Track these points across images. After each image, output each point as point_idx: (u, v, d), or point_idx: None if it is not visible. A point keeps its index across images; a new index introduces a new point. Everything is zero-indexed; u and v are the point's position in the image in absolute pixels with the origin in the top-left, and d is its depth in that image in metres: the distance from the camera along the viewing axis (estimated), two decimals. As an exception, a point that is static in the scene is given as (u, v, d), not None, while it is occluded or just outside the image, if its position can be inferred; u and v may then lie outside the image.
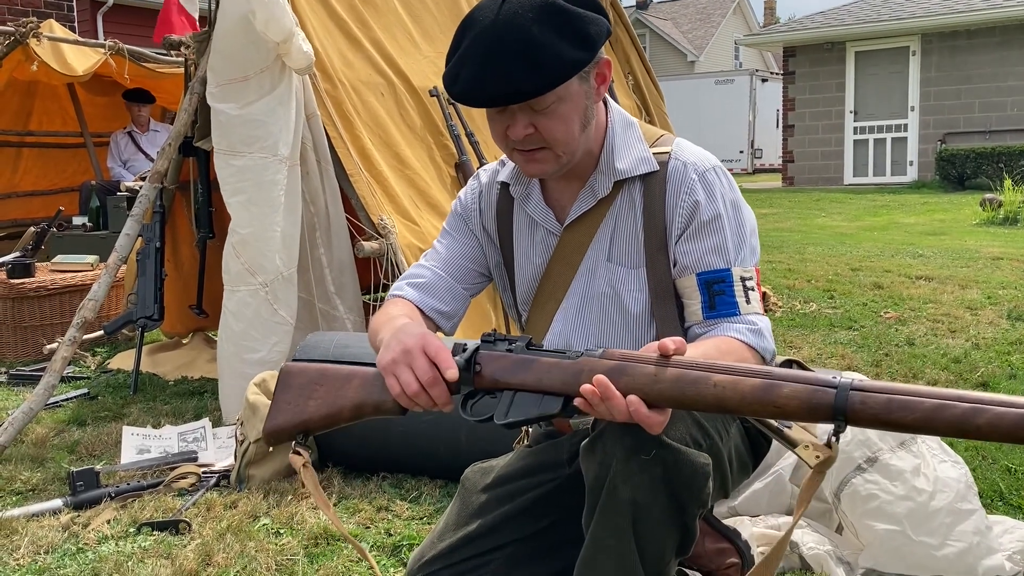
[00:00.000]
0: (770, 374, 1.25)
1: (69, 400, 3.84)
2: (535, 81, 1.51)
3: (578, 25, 1.52)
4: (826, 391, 1.22)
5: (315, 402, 1.52)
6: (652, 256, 1.68)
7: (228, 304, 3.43)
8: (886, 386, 1.20)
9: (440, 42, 4.29)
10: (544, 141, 1.59)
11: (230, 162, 3.39)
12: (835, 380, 1.22)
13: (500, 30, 1.51)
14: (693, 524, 1.50)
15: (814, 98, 17.34)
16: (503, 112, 1.59)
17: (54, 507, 2.62)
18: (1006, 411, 1.12)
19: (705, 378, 1.26)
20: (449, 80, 1.59)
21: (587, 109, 1.62)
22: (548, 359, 1.38)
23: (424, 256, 1.87)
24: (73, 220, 6.83)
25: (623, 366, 1.31)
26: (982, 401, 1.14)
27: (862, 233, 9.34)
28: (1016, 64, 15.35)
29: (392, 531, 2.45)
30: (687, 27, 35.14)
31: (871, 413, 1.20)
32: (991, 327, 4.68)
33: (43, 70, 6.56)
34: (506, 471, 1.84)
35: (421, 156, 3.94)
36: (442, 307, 1.78)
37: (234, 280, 3.41)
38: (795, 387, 1.23)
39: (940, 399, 1.16)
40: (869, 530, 2.07)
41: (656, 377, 1.28)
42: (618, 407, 1.28)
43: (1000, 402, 1.13)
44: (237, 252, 3.39)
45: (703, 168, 1.67)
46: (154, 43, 6.93)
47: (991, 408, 1.13)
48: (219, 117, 3.40)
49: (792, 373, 1.25)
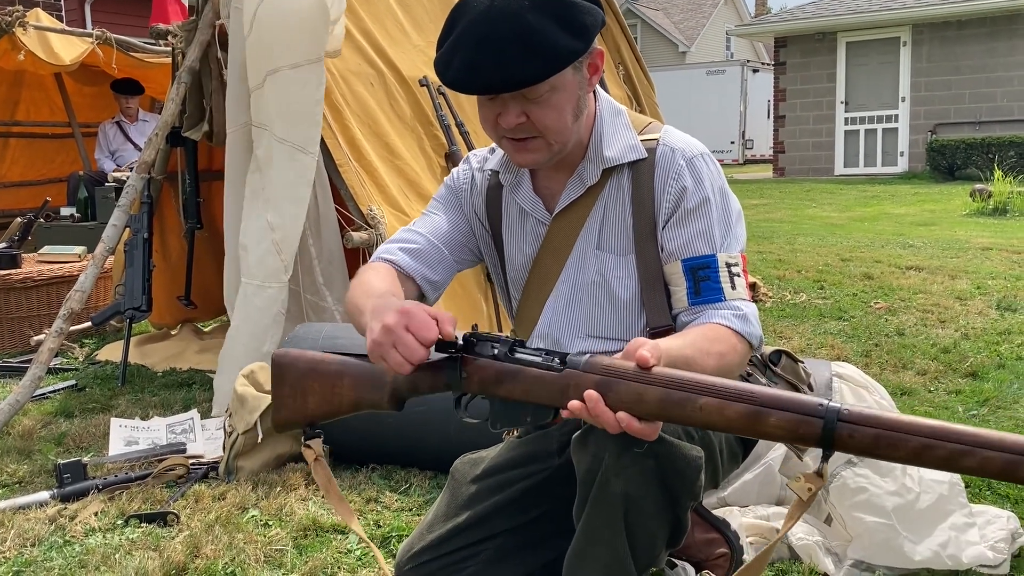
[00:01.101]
0: (755, 397, 1.23)
1: (56, 392, 3.82)
2: (531, 70, 1.49)
3: (574, 14, 1.51)
4: (813, 422, 1.20)
5: (314, 398, 1.52)
6: (641, 242, 1.67)
7: (256, 300, 3.32)
8: (875, 418, 1.18)
9: (430, 32, 4.26)
10: (536, 130, 1.58)
11: (296, 157, 3.27)
12: (822, 409, 1.20)
13: (495, 17, 1.49)
14: (685, 516, 1.50)
15: (805, 88, 17.33)
16: (494, 100, 1.58)
17: (41, 499, 2.61)
18: (994, 455, 1.11)
19: (691, 400, 1.25)
20: (441, 66, 1.57)
21: (580, 99, 1.61)
22: (533, 371, 1.36)
23: (415, 223, 1.83)
24: (61, 211, 6.78)
25: (609, 383, 1.29)
26: (972, 443, 1.13)
27: (852, 223, 9.36)
28: (1005, 55, 15.38)
29: (381, 522, 2.45)
30: (678, 17, 35.08)
31: (858, 446, 1.19)
32: (980, 317, 4.70)
33: (30, 59, 6.51)
34: (496, 462, 1.84)
35: (411, 146, 3.92)
36: (432, 276, 1.75)
37: (268, 276, 3.31)
38: (782, 416, 1.21)
39: (929, 436, 1.15)
40: (858, 522, 2.07)
41: (642, 397, 1.27)
42: (608, 423, 1.28)
43: (989, 443, 1.12)
44: (279, 248, 3.28)
45: (691, 154, 1.67)
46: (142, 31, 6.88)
47: (979, 452, 1.12)
48: (293, 106, 3.24)
49: (779, 397, 1.23)
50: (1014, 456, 1.10)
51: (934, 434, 1.14)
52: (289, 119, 3.28)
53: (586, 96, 1.64)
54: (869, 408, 1.20)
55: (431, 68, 4.12)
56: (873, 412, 1.19)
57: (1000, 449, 1.11)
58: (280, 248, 3.31)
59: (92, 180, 6.96)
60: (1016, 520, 2.21)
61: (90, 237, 5.71)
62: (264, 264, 3.33)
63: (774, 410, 1.22)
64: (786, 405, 1.22)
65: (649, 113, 5.25)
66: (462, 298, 3.65)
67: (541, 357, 1.37)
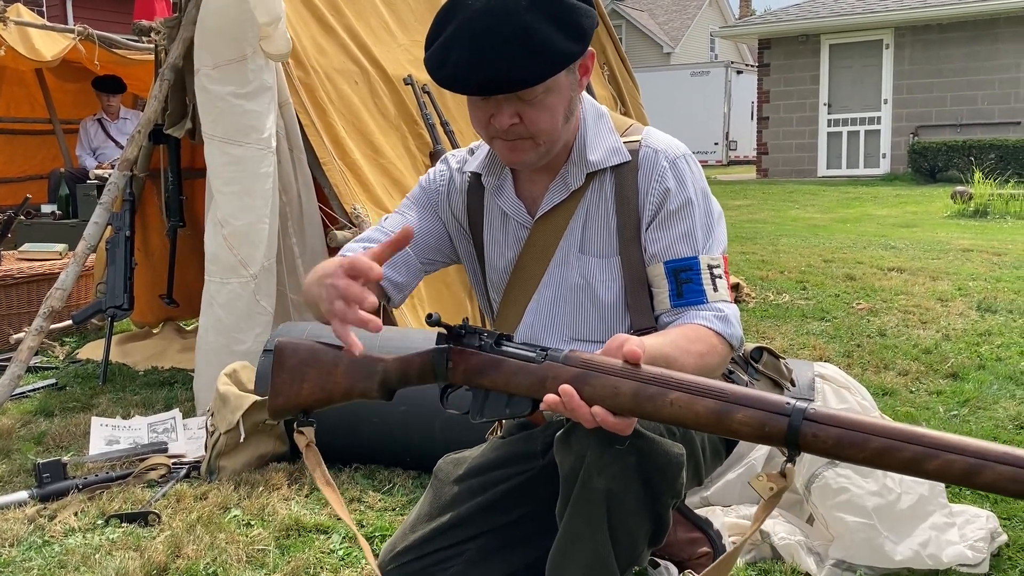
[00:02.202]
0: (725, 394, 1.24)
1: (36, 390, 3.79)
2: (530, 70, 1.48)
3: (572, 16, 1.50)
4: (778, 420, 1.21)
5: (308, 385, 1.53)
6: (625, 245, 1.67)
7: (217, 296, 3.34)
8: (840, 419, 1.18)
9: (415, 30, 4.25)
10: (528, 132, 1.57)
11: (227, 150, 3.30)
12: (789, 407, 1.21)
13: (493, 15, 1.47)
14: (666, 514, 1.50)
15: (788, 90, 17.42)
16: (488, 100, 1.56)
17: (20, 499, 2.58)
18: (955, 459, 1.11)
19: (662, 395, 1.26)
20: (435, 64, 1.54)
21: (572, 101, 1.61)
22: (514, 362, 1.37)
23: (384, 220, 1.81)
24: (42, 208, 6.73)
25: (586, 376, 1.29)
26: (935, 446, 1.13)
27: (835, 225, 9.41)
28: (986, 59, 15.51)
29: (364, 522, 2.44)
30: (663, 18, 35.16)
31: (822, 447, 1.19)
32: (961, 318, 4.74)
33: (10, 55, 6.45)
34: (479, 462, 1.83)
35: (395, 145, 3.91)
36: (396, 278, 1.72)
37: (226, 272, 3.32)
38: (748, 413, 1.22)
39: (892, 439, 1.15)
40: (839, 522, 2.09)
41: (617, 390, 1.27)
42: (583, 416, 1.28)
43: (951, 447, 1.12)
44: (230, 244, 3.30)
45: (674, 155, 1.67)
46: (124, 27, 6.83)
47: (941, 455, 1.12)
48: (216, 103, 3.28)
49: (748, 395, 1.23)
50: (976, 461, 1.10)
51: (898, 436, 1.14)
52: (212, 115, 3.32)
53: (577, 98, 1.64)
54: (836, 410, 1.21)
55: (415, 67, 4.15)
56: (839, 413, 1.19)
57: (962, 453, 1.11)
58: (231, 243, 3.31)
59: (73, 177, 6.91)
60: (995, 519, 2.23)
61: (71, 234, 5.66)
62: (218, 260, 3.34)
63: (741, 407, 1.22)
64: (753, 403, 1.22)
65: (634, 114, 5.26)
66: (447, 297, 3.65)
67: (525, 350, 1.38)
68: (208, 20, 3.30)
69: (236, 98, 3.28)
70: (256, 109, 3.30)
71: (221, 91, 3.29)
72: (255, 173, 3.31)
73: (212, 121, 3.33)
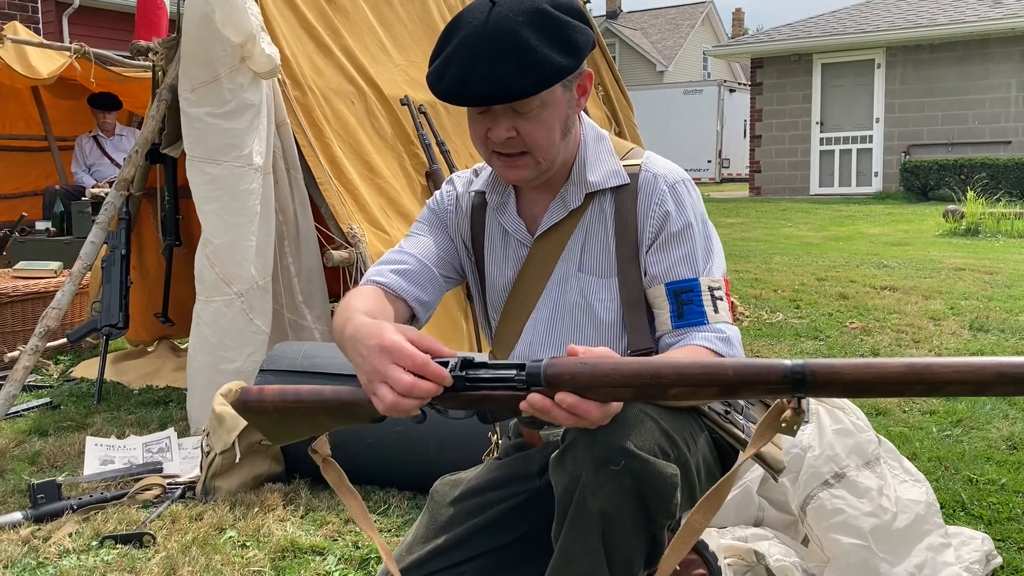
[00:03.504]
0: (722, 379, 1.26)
1: (30, 410, 3.78)
2: (523, 82, 1.52)
3: (567, 33, 1.55)
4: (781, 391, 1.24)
5: (298, 425, 1.51)
6: (623, 266, 1.69)
7: (203, 314, 3.37)
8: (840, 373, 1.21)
9: (411, 51, 4.28)
10: (525, 146, 1.61)
11: (205, 170, 3.34)
12: (787, 379, 1.23)
13: (491, 32, 1.52)
14: (661, 535, 1.51)
15: (781, 109, 17.55)
16: (485, 113, 1.60)
17: (14, 520, 2.57)
18: (960, 388, 1.18)
19: (662, 392, 1.27)
20: (435, 78, 1.59)
21: (568, 118, 1.64)
22: (501, 395, 1.35)
23: (402, 243, 1.82)
24: (36, 225, 6.72)
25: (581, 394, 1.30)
26: (934, 379, 1.18)
27: (828, 243, 9.45)
28: (977, 79, 15.65)
29: (360, 544, 2.43)
30: (656, 37, 35.40)
31: (831, 395, 1.24)
32: (953, 337, 4.76)
33: (7, 73, 6.47)
34: (475, 483, 1.84)
35: (391, 165, 3.93)
36: (423, 296, 1.74)
37: (209, 290, 3.36)
38: (749, 392, 1.25)
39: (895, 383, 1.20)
40: (835, 544, 2.09)
41: (617, 398, 1.30)
42: (558, 417, 1.29)
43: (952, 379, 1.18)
44: (212, 262, 3.34)
45: (673, 180, 1.70)
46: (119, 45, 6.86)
47: (945, 388, 1.18)
48: (194, 124, 3.34)
49: (744, 375, 1.25)
50: (977, 385, 1.16)
51: (898, 379, 1.19)
52: (191, 136, 3.36)
53: (574, 116, 1.67)
54: (834, 361, 1.23)
55: (412, 87, 4.18)
56: (837, 367, 1.22)
57: (963, 382, 1.17)
58: (213, 261, 3.34)
59: (68, 194, 6.91)
60: (990, 541, 2.24)
61: (65, 252, 5.66)
62: (203, 278, 3.37)
63: (741, 388, 1.25)
64: (751, 380, 1.24)
65: (628, 133, 5.29)
66: (442, 317, 3.66)
67: (498, 375, 1.36)
68: (185, 45, 3.35)
69: (213, 118, 3.31)
70: (235, 127, 3.32)
71: (198, 112, 3.33)
72: (235, 191, 3.34)
73: (192, 142, 3.36)
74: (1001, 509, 2.60)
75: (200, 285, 3.38)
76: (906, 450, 3.00)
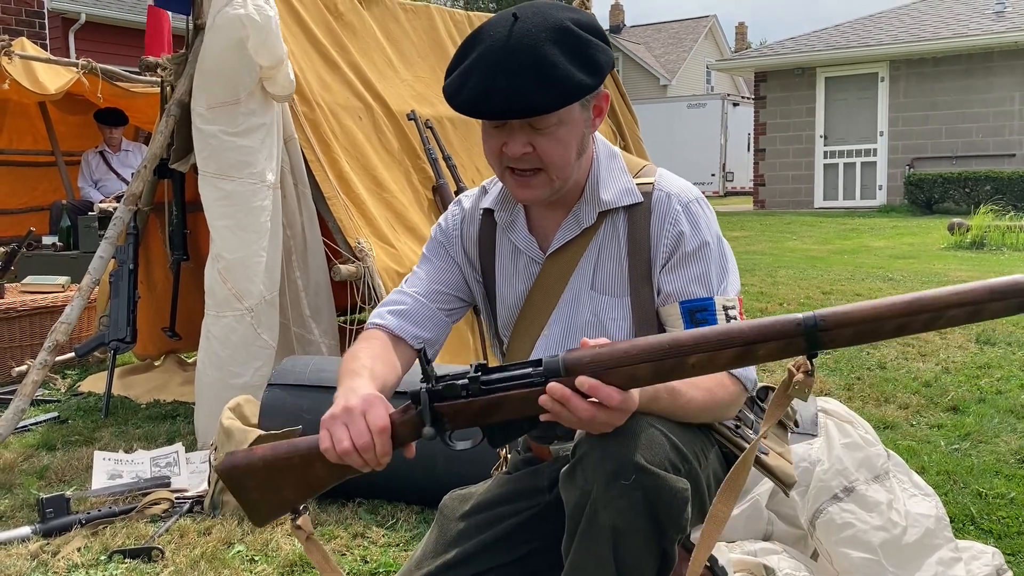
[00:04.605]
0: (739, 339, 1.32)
1: (38, 424, 3.78)
2: (544, 98, 1.52)
3: (589, 51, 1.55)
4: (797, 342, 1.31)
5: (289, 490, 1.50)
6: (636, 285, 1.69)
7: (213, 329, 3.38)
8: (850, 316, 1.28)
9: (418, 66, 4.31)
10: (540, 163, 1.60)
11: (219, 186, 3.36)
12: (801, 327, 1.30)
13: (514, 46, 1.52)
14: (672, 549, 1.50)
15: (785, 122, 17.57)
16: (502, 128, 1.60)
17: (23, 535, 2.58)
18: (959, 312, 1.25)
19: (680, 364, 1.33)
20: (453, 90, 1.58)
21: (584, 137, 1.64)
22: (518, 394, 1.37)
23: (404, 282, 1.86)
24: (43, 239, 6.75)
25: (599, 374, 1.32)
26: (936, 307, 1.25)
27: (833, 256, 9.45)
28: (981, 92, 15.67)
29: (368, 558, 2.43)
30: (659, 51, 35.50)
31: (843, 343, 1.31)
32: (960, 351, 4.75)
33: (14, 88, 6.51)
34: (485, 498, 1.83)
35: (399, 179, 3.95)
36: (423, 334, 1.77)
37: (220, 305, 3.36)
38: (768, 347, 1.31)
39: (901, 315, 1.26)
40: (844, 558, 2.09)
41: (635, 377, 1.33)
42: (578, 408, 1.32)
43: (951, 303, 1.25)
44: (224, 278, 3.34)
45: (687, 199, 1.70)
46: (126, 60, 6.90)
47: (945, 313, 1.25)
48: (209, 140, 3.36)
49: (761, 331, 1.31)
50: (973, 307, 1.24)
51: (903, 311, 1.26)
52: (205, 152, 3.38)
53: (589, 136, 1.68)
54: (841, 307, 1.29)
55: (419, 102, 4.20)
56: (847, 311, 1.29)
57: (960, 304, 1.24)
58: (225, 277, 3.35)
59: (75, 209, 6.94)
60: (1001, 556, 2.23)
61: (72, 267, 5.68)
62: (213, 293, 3.38)
63: (759, 344, 1.31)
64: (768, 335, 1.31)
65: (633, 147, 5.30)
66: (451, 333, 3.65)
67: (515, 371, 1.37)
68: (206, 62, 3.36)
69: (227, 135, 3.34)
70: (249, 145, 3.35)
71: (212, 129, 3.35)
72: (248, 207, 3.35)
73: (205, 158, 3.38)
74: (1011, 523, 2.59)
75: (210, 300, 3.39)
76: (914, 464, 2.99)
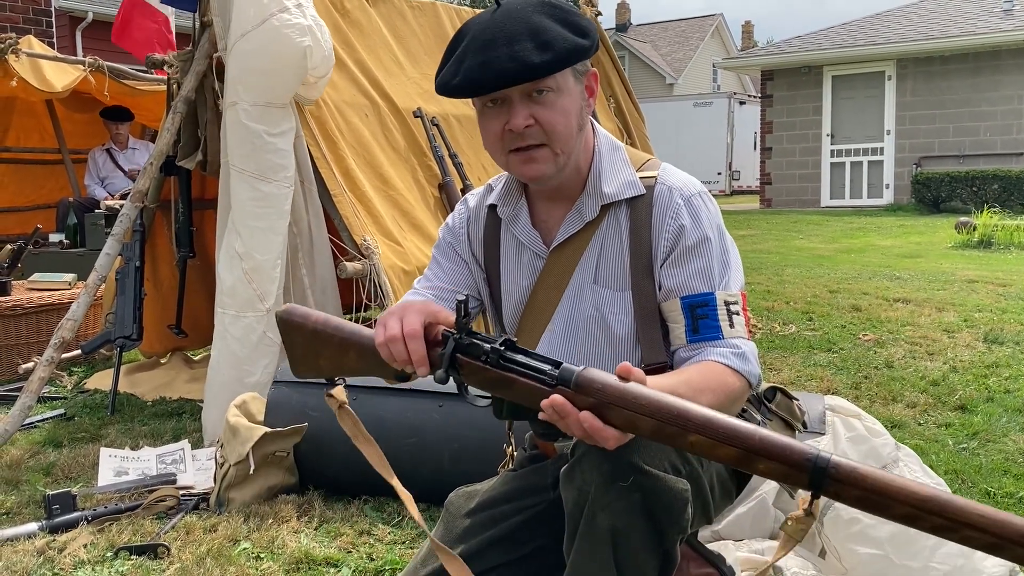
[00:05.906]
0: (746, 443, 1.20)
1: (45, 421, 3.79)
2: (544, 57, 1.53)
3: (575, 18, 1.60)
4: (799, 476, 1.18)
5: (325, 360, 1.57)
6: (637, 280, 1.69)
7: (232, 329, 3.35)
8: (863, 479, 1.14)
9: (424, 64, 4.30)
10: (544, 135, 1.61)
11: (257, 187, 3.34)
12: (810, 463, 1.17)
13: (501, 19, 1.56)
14: (673, 550, 1.50)
15: (791, 121, 17.53)
16: (501, 107, 1.61)
17: (29, 531, 2.58)
18: (975, 536, 1.09)
19: (682, 435, 1.23)
20: (448, 76, 1.60)
21: (582, 111, 1.66)
22: (525, 383, 1.35)
23: (416, 283, 1.87)
24: (49, 237, 6.77)
25: (602, 408, 1.28)
26: (956, 519, 1.10)
27: (840, 255, 9.42)
28: (988, 90, 15.61)
29: (374, 555, 2.43)
30: (666, 49, 35.44)
31: (843, 501, 1.17)
32: (968, 350, 4.73)
33: (22, 86, 6.52)
34: (490, 495, 1.83)
35: (405, 177, 3.94)
36: None
37: (241, 305, 3.35)
38: (769, 465, 1.19)
39: (915, 507, 1.11)
40: (852, 554, 2.08)
41: (635, 426, 1.27)
42: (572, 424, 1.29)
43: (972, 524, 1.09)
44: (250, 278, 3.32)
45: (688, 193, 1.69)
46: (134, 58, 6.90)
47: (961, 531, 1.09)
48: (253, 139, 3.33)
49: (770, 446, 1.19)
50: (995, 540, 1.08)
51: (920, 506, 1.11)
52: (245, 149, 3.36)
53: (586, 114, 1.68)
54: (859, 465, 1.16)
55: (425, 99, 4.19)
56: (861, 471, 1.15)
57: (983, 531, 1.08)
58: (251, 277, 3.34)
59: (81, 207, 6.96)
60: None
61: (79, 264, 5.69)
62: (236, 293, 3.36)
63: (762, 458, 1.20)
64: (774, 454, 1.19)
65: (640, 145, 5.30)
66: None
67: (534, 362, 1.36)
68: (256, 59, 3.31)
69: (269, 136, 3.33)
70: (285, 148, 3.37)
71: (258, 128, 3.33)
72: (280, 210, 3.37)
73: (244, 156, 3.34)
74: (1019, 522, 2.57)
75: (230, 300, 3.36)
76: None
